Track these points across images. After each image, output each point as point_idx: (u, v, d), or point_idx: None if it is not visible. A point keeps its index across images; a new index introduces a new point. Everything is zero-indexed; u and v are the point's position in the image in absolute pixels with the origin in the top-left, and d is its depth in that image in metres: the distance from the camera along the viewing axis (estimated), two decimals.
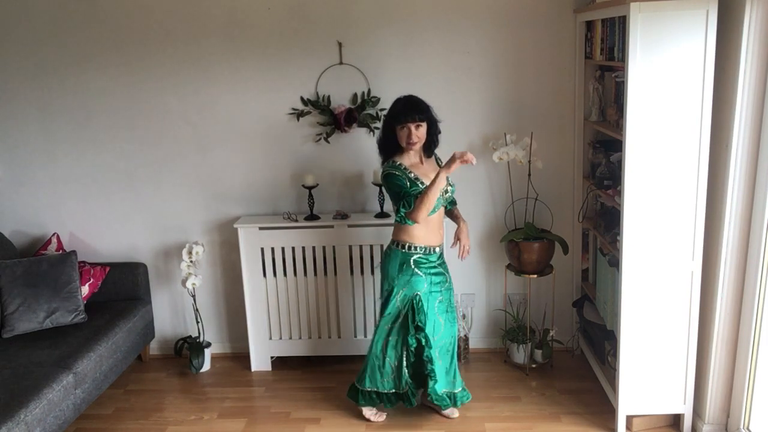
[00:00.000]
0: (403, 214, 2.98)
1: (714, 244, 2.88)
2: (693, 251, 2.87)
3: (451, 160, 2.88)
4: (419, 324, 3.08)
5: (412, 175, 3.02)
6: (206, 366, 3.94)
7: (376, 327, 3.23)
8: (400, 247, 3.10)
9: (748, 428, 2.92)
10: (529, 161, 3.58)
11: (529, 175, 3.66)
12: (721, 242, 2.83)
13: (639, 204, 2.84)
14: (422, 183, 3.00)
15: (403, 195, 2.98)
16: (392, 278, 3.12)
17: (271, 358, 3.91)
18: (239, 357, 4.06)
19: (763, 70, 2.61)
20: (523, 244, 3.55)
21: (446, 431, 3.23)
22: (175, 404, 3.59)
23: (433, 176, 3.01)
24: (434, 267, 3.13)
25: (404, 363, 3.17)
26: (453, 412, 3.33)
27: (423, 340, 3.10)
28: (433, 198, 2.94)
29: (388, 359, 3.19)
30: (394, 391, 3.23)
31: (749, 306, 2.81)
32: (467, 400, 3.33)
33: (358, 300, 3.78)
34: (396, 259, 3.11)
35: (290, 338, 3.87)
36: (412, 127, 2.98)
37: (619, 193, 2.96)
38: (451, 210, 3.32)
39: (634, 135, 2.77)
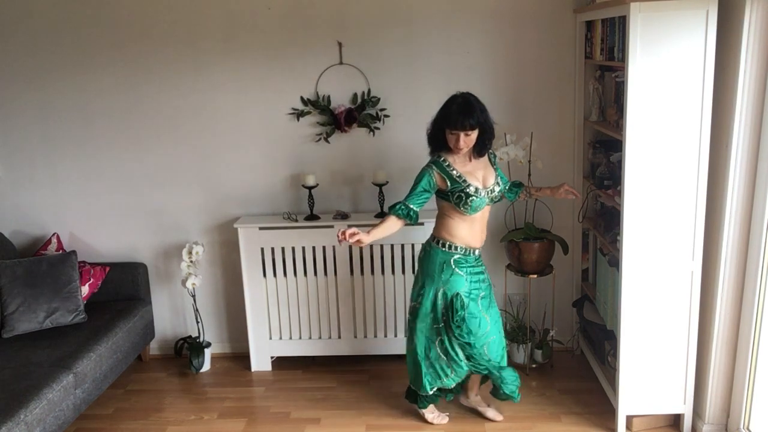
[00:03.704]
0: (394, 206, 2.93)
1: (714, 244, 2.88)
2: (693, 251, 2.87)
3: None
4: (458, 322, 2.98)
5: (455, 172, 2.90)
6: (206, 366, 3.94)
7: (412, 328, 3.12)
8: (440, 245, 3.01)
9: (748, 428, 2.92)
10: (529, 161, 3.58)
11: (529, 175, 3.66)
12: (721, 242, 2.83)
13: (639, 204, 2.84)
14: (464, 181, 2.89)
15: (410, 193, 2.92)
16: (431, 276, 3.02)
17: (271, 358, 3.91)
18: (239, 357, 4.06)
19: (763, 70, 2.61)
20: (523, 244, 3.55)
21: (446, 431, 3.23)
22: (175, 404, 3.59)
23: (480, 175, 2.95)
24: (473, 266, 3.04)
25: (454, 354, 3.05)
26: (497, 416, 3.29)
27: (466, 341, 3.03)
28: (379, 235, 2.91)
29: (440, 360, 3.08)
30: (456, 382, 3.16)
31: (749, 306, 2.81)
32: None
33: (357, 300, 3.78)
34: (435, 257, 3.01)
35: (290, 338, 3.87)
36: (462, 134, 2.84)
37: (619, 193, 2.96)
38: (524, 191, 3.25)
39: (634, 135, 2.77)
